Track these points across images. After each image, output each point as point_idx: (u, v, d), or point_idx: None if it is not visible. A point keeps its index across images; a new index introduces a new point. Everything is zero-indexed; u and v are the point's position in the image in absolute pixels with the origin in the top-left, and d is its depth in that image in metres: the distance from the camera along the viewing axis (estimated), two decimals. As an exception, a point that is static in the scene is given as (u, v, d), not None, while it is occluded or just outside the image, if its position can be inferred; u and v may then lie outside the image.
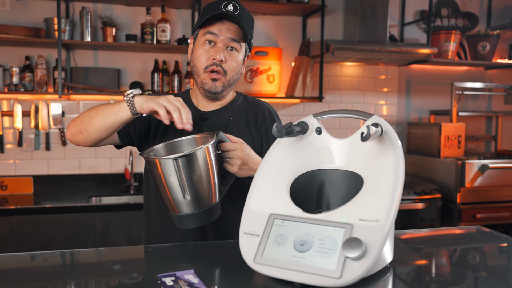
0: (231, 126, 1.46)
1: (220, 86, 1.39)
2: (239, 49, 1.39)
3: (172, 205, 1.18)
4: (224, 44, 1.36)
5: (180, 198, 1.15)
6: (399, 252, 1.15)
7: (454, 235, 1.45)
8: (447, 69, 3.96)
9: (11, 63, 3.08)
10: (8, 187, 3.10)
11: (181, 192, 1.15)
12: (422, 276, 1.05)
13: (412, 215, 3.30)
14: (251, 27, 1.40)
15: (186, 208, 1.17)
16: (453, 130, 3.47)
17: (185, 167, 1.13)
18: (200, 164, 1.16)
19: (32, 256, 1.11)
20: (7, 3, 3.05)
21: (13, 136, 3.14)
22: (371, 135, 0.96)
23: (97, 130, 1.27)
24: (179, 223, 1.20)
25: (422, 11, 3.82)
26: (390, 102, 3.87)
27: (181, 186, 1.14)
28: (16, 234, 2.65)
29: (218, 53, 1.35)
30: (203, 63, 1.37)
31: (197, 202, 1.17)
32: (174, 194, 1.16)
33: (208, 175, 1.18)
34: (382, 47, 3.34)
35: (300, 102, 3.61)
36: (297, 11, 3.44)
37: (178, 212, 1.18)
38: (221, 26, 1.35)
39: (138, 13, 3.26)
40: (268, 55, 3.38)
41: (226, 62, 1.37)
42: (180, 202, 1.16)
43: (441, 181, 3.40)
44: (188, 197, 1.15)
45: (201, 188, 1.17)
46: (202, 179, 1.16)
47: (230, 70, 1.38)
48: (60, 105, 3.18)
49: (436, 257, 1.16)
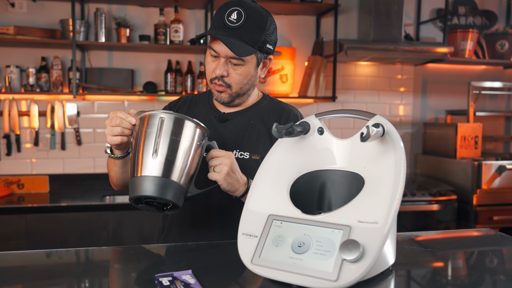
0: (250, 130, 1.42)
1: (226, 97, 1.37)
2: (244, 63, 1.32)
3: (138, 165, 1.11)
4: (226, 59, 1.31)
5: (149, 157, 1.10)
6: (404, 254, 1.13)
7: (464, 237, 1.42)
8: (464, 68, 3.89)
9: (27, 64, 3.14)
10: (24, 185, 3.16)
11: (152, 150, 1.10)
12: (425, 280, 1.03)
13: (428, 216, 3.25)
14: (260, 33, 1.29)
15: (150, 169, 1.09)
16: (469, 131, 3.40)
17: (167, 127, 1.11)
18: (184, 137, 1.13)
19: (34, 254, 1.12)
20: (24, 5, 3.11)
21: (29, 136, 3.20)
22: (370, 135, 0.94)
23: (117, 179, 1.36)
24: (132, 188, 1.11)
25: (438, 9, 3.76)
26: (406, 102, 3.82)
27: (155, 143, 1.10)
28: (31, 232, 2.70)
29: (219, 68, 1.31)
30: (208, 74, 1.36)
31: (163, 168, 1.10)
32: (145, 152, 1.10)
33: (186, 155, 1.13)
34: (397, 46, 3.30)
35: (314, 102, 3.59)
36: (310, 11, 3.42)
37: (139, 174, 1.10)
38: (220, 44, 1.29)
39: (151, 14, 3.28)
40: (281, 55, 3.37)
41: (229, 76, 1.33)
42: (146, 162, 1.10)
43: (457, 182, 3.34)
44: (156, 156, 1.10)
45: (172, 157, 1.11)
46: (178, 150, 1.12)
47: (234, 83, 1.34)
48: (75, 105, 3.22)
49: (442, 260, 1.14)
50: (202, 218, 1.42)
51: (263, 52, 1.35)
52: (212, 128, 1.42)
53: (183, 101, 1.52)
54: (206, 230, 1.41)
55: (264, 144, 1.40)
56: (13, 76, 3.05)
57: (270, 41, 1.34)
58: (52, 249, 1.12)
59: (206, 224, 1.41)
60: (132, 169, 1.13)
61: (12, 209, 2.69)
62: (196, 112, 1.47)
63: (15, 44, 3.06)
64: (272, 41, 1.36)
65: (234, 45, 1.25)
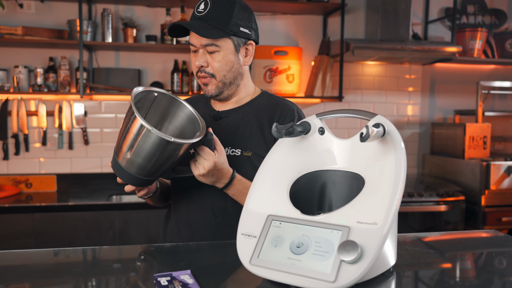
0: (243, 127, 1.43)
1: (213, 89, 1.39)
2: (219, 49, 1.33)
3: (119, 149, 1.19)
4: (203, 50, 1.34)
5: (126, 151, 1.16)
6: (405, 256, 1.12)
7: (468, 239, 1.40)
8: (473, 68, 3.85)
9: (35, 64, 3.16)
10: (32, 184, 3.19)
11: (129, 149, 1.15)
12: (426, 281, 1.02)
13: (436, 217, 3.22)
14: (227, 17, 1.31)
15: (123, 160, 1.18)
16: (478, 131, 3.37)
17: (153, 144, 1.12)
18: (165, 152, 1.15)
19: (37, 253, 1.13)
20: (32, 6, 3.13)
21: (38, 135, 3.23)
22: (370, 135, 0.94)
23: None
24: (112, 163, 1.23)
25: (447, 8, 3.72)
26: (414, 102, 3.79)
27: (132, 145, 1.14)
28: (39, 231, 2.72)
29: (197, 59, 1.35)
30: (194, 70, 1.40)
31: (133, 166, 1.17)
32: (125, 145, 1.16)
33: (165, 161, 1.18)
34: (404, 45, 3.27)
35: (320, 102, 3.58)
36: (317, 10, 3.41)
37: (119, 158, 1.19)
38: (193, 34, 1.33)
39: (158, 14, 3.30)
40: (288, 55, 3.36)
41: (209, 65, 1.35)
42: (124, 153, 1.17)
43: (466, 183, 3.30)
44: (129, 156, 1.16)
45: (146, 162, 1.16)
46: (154, 158, 1.16)
47: (216, 71, 1.36)
48: (83, 105, 3.24)
49: (444, 261, 1.13)
50: (196, 216, 1.42)
51: (239, 36, 1.35)
52: (207, 126, 1.41)
53: (188, 102, 1.53)
54: (200, 228, 1.41)
55: (256, 140, 1.41)
56: (22, 76, 3.08)
57: (244, 25, 1.35)
58: (53, 248, 1.13)
59: (200, 223, 1.42)
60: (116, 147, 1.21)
61: (20, 208, 2.72)
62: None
63: (23, 45, 3.09)
64: (247, 26, 1.37)
65: (198, 29, 1.28)
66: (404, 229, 3.18)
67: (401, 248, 1.16)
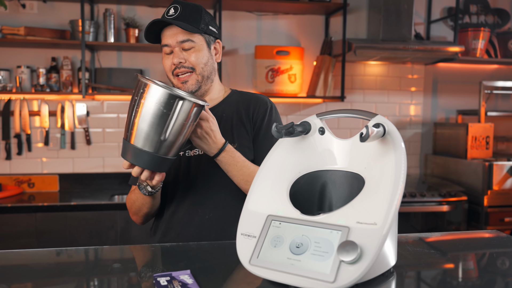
0: (224, 122, 1.49)
1: (193, 83, 1.43)
2: (195, 44, 1.41)
3: (135, 130, 1.13)
4: (179, 48, 1.40)
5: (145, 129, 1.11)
6: (406, 256, 1.12)
7: (469, 239, 1.40)
8: (475, 68, 3.84)
9: (38, 64, 3.17)
10: (35, 184, 3.19)
11: (159, 131, 1.10)
12: (426, 281, 1.02)
13: (438, 217, 3.21)
14: (197, 17, 1.41)
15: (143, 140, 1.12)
16: (481, 131, 3.36)
17: (184, 111, 1.12)
18: (189, 119, 1.15)
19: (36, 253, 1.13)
20: (35, 6, 3.14)
21: (40, 135, 3.23)
22: (370, 135, 0.93)
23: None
24: (126, 150, 1.16)
25: (449, 8, 3.71)
26: (416, 102, 3.78)
27: (165, 125, 1.11)
28: (41, 230, 2.73)
29: (176, 57, 1.40)
30: (169, 70, 1.43)
31: (163, 146, 1.13)
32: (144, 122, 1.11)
33: (186, 131, 1.17)
34: (407, 45, 3.26)
35: (322, 102, 3.57)
36: (319, 10, 3.41)
37: (134, 141, 1.13)
38: (168, 34, 1.40)
39: (160, 14, 3.29)
40: (290, 55, 3.36)
41: (187, 59, 1.40)
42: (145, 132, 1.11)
43: (468, 183, 3.29)
44: (162, 137, 1.12)
45: (175, 138, 1.14)
46: (183, 131, 1.15)
47: (195, 64, 1.41)
48: (85, 105, 3.25)
49: (444, 262, 1.12)
50: (190, 212, 1.45)
51: (209, 34, 1.45)
52: None
53: None
54: (194, 223, 1.44)
55: (239, 132, 1.47)
56: (24, 76, 3.09)
57: (211, 25, 1.45)
58: (54, 248, 1.13)
59: (193, 218, 1.44)
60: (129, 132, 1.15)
61: (22, 208, 2.73)
62: None
63: (26, 45, 3.09)
64: (214, 26, 1.47)
65: (177, 22, 1.36)
66: (407, 230, 3.18)
67: (401, 248, 1.16)
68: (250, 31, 3.45)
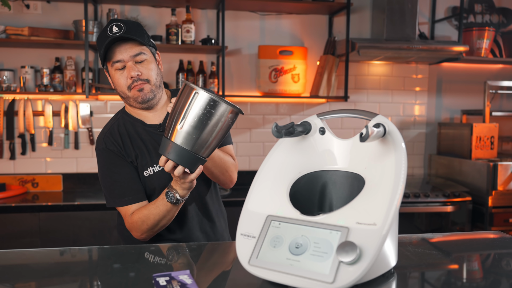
0: None
1: (149, 92, 1.46)
2: (147, 57, 1.45)
3: (180, 128, 1.19)
4: (132, 61, 1.43)
5: (193, 134, 1.18)
6: (407, 257, 1.11)
7: (470, 240, 1.39)
8: (480, 67, 3.81)
9: (42, 64, 3.18)
10: (39, 184, 3.21)
11: (199, 131, 1.17)
12: (427, 283, 1.01)
13: (442, 218, 3.20)
14: (141, 31, 1.46)
15: (186, 143, 1.19)
16: (485, 131, 3.34)
17: (223, 116, 1.18)
18: (228, 123, 1.21)
19: (37, 252, 1.13)
20: (39, 7, 3.15)
21: (44, 135, 3.24)
22: (369, 135, 0.93)
23: None
24: (164, 148, 1.22)
25: (454, 7, 3.69)
26: (420, 102, 3.76)
27: (206, 127, 1.17)
28: (44, 230, 2.74)
29: (131, 71, 1.42)
30: (124, 85, 1.45)
31: (200, 146, 1.20)
32: (191, 128, 1.18)
33: (224, 134, 1.23)
34: (410, 45, 3.25)
35: (326, 102, 3.56)
36: (322, 10, 3.40)
37: (173, 139, 1.20)
38: (119, 50, 1.41)
39: (163, 14, 3.30)
40: (293, 54, 3.35)
41: (142, 73, 1.44)
42: (188, 136, 1.18)
43: (472, 183, 3.27)
44: (201, 137, 1.18)
45: (212, 138, 1.20)
46: (219, 133, 1.21)
47: (150, 76, 1.45)
48: (89, 105, 3.26)
49: (445, 263, 1.11)
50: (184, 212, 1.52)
51: (152, 47, 1.50)
52: (159, 138, 1.50)
53: (115, 141, 1.52)
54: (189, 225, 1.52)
55: None
56: (28, 76, 3.10)
57: (150, 38, 1.51)
58: (54, 248, 1.13)
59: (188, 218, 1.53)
60: (171, 130, 1.21)
61: (25, 208, 2.74)
62: (138, 134, 1.53)
63: (30, 45, 3.10)
64: (152, 39, 1.52)
65: (135, 38, 1.40)
66: (410, 230, 3.16)
67: (403, 249, 1.15)
68: (253, 31, 3.45)
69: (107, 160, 1.49)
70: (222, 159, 1.48)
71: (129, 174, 1.47)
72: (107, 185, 1.49)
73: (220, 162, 1.47)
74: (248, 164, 3.50)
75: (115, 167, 1.47)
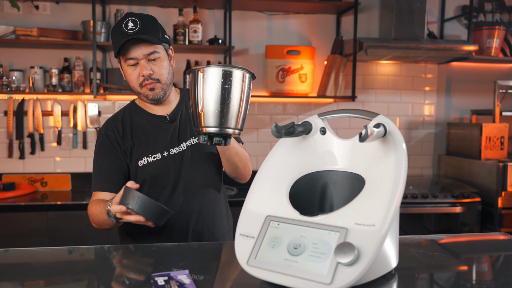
0: (184, 124, 1.58)
1: (160, 91, 1.50)
2: (159, 55, 1.47)
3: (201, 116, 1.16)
4: (145, 60, 1.45)
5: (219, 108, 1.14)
6: (409, 258, 1.10)
7: (475, 242, 1.37)
8: (490, 67, 3.77)
9: (50, 64, 3.21)
10: (48, 183, 3.24)
11: (217, 102, 1.14)
12: (427, 284, 1.00)
13: (452, 219, 3.16)
14: (156, 28, 1.46)
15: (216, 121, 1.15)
16: (495, 131, 3.30)
17: (240, 81, 1.16)
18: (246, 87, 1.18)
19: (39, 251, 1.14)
20: (48, 8, 3.18)
21: (53, 135, 3.27)
22: (368, 135, 0.92)
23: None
24: (126, 197, 1.17)
25: (463, 6, 3.65)
26: (429, 102, 3.73)
27: (228, 97, 1.14)
28: (52, 229, 2.76)
29: (144, 69, 1.44)
30: (135, 82, 1.48)
31: (229, 117, 1.16)
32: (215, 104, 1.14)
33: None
34: (419, 44, 3.22)
35: (334, 101, 3.55)
36: (330, 9, 3.38)
37: (203, 125, 1.16)
38: (134, 48, 1.43)
39: (171, 14, 3.31)
40: (300, 54, 3.34)
41: (154, 72, 1.46)
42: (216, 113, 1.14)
43: (482, 184, 3.24)
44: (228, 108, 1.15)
45: (238, 107, 1.17)
46: (243, 99, 1.18)
47: (161, 75, 1.48)
48: (97, 105, 3.28)
49: (447, 265, 1.10)
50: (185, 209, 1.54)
51: (166, 42, 1.51)
52: (164, 129, 1.55)
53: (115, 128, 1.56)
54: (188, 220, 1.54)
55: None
56: (37, 76, 3.13)
57: (164, 32, 1.51)
58: (54, 247, 1.14)
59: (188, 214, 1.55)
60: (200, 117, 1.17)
61: (34, 207, 2.76)
62: (140, 128, 1.56)
63: (39, 46, 3.13)
64: (166, 34, 1.53)
65: (150, 38, 1.41)
66: (419, 231, 3.13)
67: (405, 250, 1.14)
68: (260, 30, 3.44)
69: (101, 143, 1.54)
70: (244, 153, 1.53)
71: (114, 163, 1.51)
72: (93, 167, 1.55)
73: (243, 156, 1.53)
74: (255, 164, 3.50)
75: (104, 152, 1.53)
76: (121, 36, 1.41)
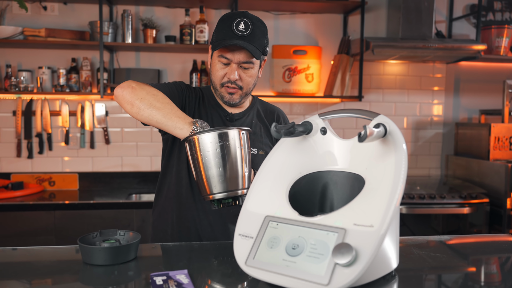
0: (254, 128, 1.58)
1: (237, 98, 1.50)
2: (253, 65, 1.45)
3: (205, 184, 1.16)
4: (238, 64, 1.43)
5: (215, 172, 1.14)
6: (410, 259, 1.09)
7: (480, 243, 1.36)
8: (499, 66, 3.73)
9: (58, 65, 3.24)
10: (55, 183, 3.26)
11: (218, 166, 1.14)
12: (428, 286, 0.99)
13: (460, 220, 3.13)
14: (264, 39, 1.44)
15: (217, 185, 1.15)
16: (504, 131, 3.26)
17: (237, 140, 1.16)
18: (244, 144, 1.19)
19: (41, 250, 1.15)
20: (56, 8, 3.21)
21: (61, 135, 3.30)
22: (368, 136, 0.91)
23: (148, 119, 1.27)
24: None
25: (472, 5, 3.62)
26: (437, 101, 3.70)
27: (227, 160, 1.14)
28: (59, 228, 2.78)
29: (232, 73, 1.43)
30: (219, 79, 1.47)
31: (232, 180, 1.15)
32: (209, 170, 1.14)
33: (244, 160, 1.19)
34: (427, 44, 3.20)
35: (341, 101, 3.53)
36: (337, 9, 3.37)
37: (209, 192, 1.15)
38: (233, 52, 1.40)
39: (177, 15, 3.32)
40: (307, 54, 3.33)
41: (241, 79, 1.45)
42: (213, 176, 1.14)
43: (491, 184, 3.20)
44: (229, 171, 1.14)
45: (239, 167, 1.17)
46: (243, 158, 1.18)
47: (245, 84, 1.47)
48: (104, 105, 3.30)
49: (449, 266, 1.09)
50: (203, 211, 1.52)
51: (264, 54, 1.50)
52: (222, 125, 1.52)
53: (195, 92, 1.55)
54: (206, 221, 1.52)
55: (265, 141, 1.57)
56: (45, 77, 3.16)
57: (268, 42, 1.50)
58: (54, 246, 1.15)
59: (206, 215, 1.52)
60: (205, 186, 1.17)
61: (41, 206, 2.79)
62: (206, 109, 1.54)
63: (47, 46, 3.16)
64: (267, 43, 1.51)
65: (254, 51, 1.39)
66: (427, 232, 3.11)
67: (406, 252, 1.13)
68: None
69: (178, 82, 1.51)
70: None
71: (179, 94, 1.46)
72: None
73: None
74: (261, 164, 3.49)
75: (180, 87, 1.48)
76: (228, 34, 1.38)
